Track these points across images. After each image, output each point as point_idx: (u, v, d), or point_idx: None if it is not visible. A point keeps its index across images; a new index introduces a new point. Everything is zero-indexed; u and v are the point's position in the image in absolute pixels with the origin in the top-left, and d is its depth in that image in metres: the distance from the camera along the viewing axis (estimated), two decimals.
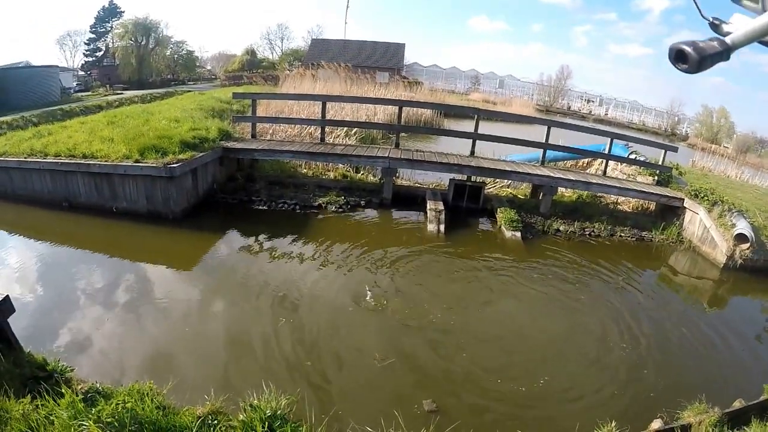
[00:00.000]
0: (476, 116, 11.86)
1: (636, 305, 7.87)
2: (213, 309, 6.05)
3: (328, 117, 12.47)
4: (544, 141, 11.31)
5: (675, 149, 12.99)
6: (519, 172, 10.40)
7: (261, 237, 8.25)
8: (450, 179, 10.75)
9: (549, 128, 11.50)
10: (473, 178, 10.90)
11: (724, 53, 0.79)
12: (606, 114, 48.60)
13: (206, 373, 4.69)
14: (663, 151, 12.57)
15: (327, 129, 12.51)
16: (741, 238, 10.36)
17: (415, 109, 20.77)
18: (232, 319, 5.76)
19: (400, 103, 12.49)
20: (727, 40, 0.79)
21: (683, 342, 6.98)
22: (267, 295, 6.30)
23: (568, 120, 20.89)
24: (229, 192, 10.02)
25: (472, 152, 11.39)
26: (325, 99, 11.77)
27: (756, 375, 6.01)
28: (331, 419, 4.03)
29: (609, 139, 11.98)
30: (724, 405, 4.94)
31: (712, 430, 4.48)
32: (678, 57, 0.80)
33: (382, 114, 18.83)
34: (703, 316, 8.31)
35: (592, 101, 49.34)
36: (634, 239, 10.78)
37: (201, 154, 9.15)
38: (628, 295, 8.27)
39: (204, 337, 5.33)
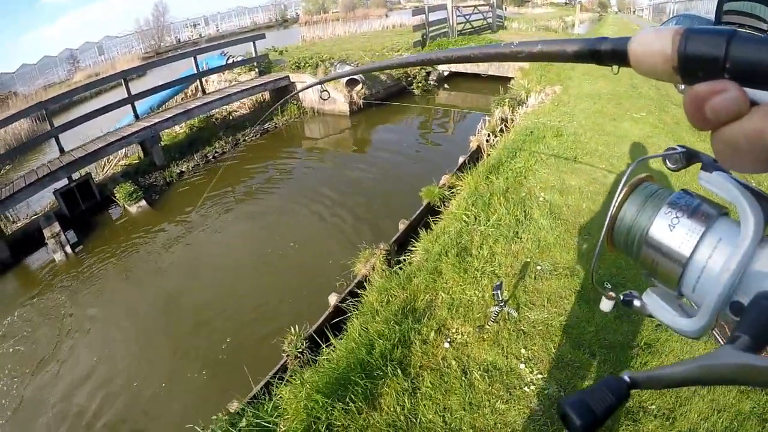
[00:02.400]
0: (43, 111, 9.88)
1: (308, 184, 8.53)
2: None
3: None
4: (127, 96, 10.03)
5: (262, 36, 13.15)
6: (113, 142, 9.15)
7: None
8: (54, 191, 8.97)
9: (125, 81, 10.26)
10: (75, 176, 9.27)
11: (621, 402, 0.50)
12: (218, 30, 47.87)
13: None
14: (251, 42, 12.54)
15: None
16: (351, 82, 11.26)
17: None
18: None
19: None
20: (626, 377, 0.50)
21: (363, 193, 7.89)
22: None
23: (155, 59, 19.44)
24: None
25: (62, 150, 9.59)
26: None
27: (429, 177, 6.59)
28: None
29: (192, 57, 11.33)
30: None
31: (384, 265, 4.56)
32: (565, 418, 0.50)
33: None
34: (363, 158, 9.30)
35: (198, 24, 47.91)
36: (259, 135, 10.90)
37: None
38: (297, 179, 8.91)
39: None
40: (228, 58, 13.27)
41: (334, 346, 3.44)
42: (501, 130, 8.00)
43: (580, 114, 7.74)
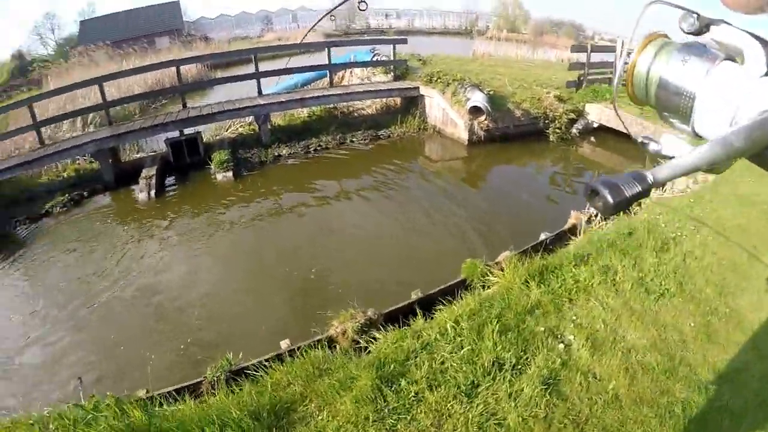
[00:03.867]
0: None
1: (395, 202, 8.35)
2: None
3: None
4: (254, 71, 10.43)
5: (404, 41, 12.92)
6: (227, 110, 9.60)
7: None
8: (165, 140, 9.66)
9: (255, 58, 10.67)
10: (187, 131, 9.84)
11: (644, 193, 0.67)
12: (409, 25, 49.20)
13: None
14: (392, 45, 12.31)
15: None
16: (476, 110, 10.40)
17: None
18: None
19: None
20: (648, 176, 0.67)
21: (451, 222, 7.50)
22: None
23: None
24: None
25: (184, 104, 10.30)
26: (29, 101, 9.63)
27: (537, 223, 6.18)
28: None
29: (327, 49, 11.42)
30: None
31: (356, 334, 4.04)
32: (593, 195, 0.67)
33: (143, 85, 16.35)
34: (465, 193, 8.99)
35: (390, 15, 49.66)
36: (367, 141, 10.58)
37: None
38: (384, 193, 8.73)
39: None
40: (374, 56, 13.19)
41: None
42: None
43: (715, 225, 5.94)
